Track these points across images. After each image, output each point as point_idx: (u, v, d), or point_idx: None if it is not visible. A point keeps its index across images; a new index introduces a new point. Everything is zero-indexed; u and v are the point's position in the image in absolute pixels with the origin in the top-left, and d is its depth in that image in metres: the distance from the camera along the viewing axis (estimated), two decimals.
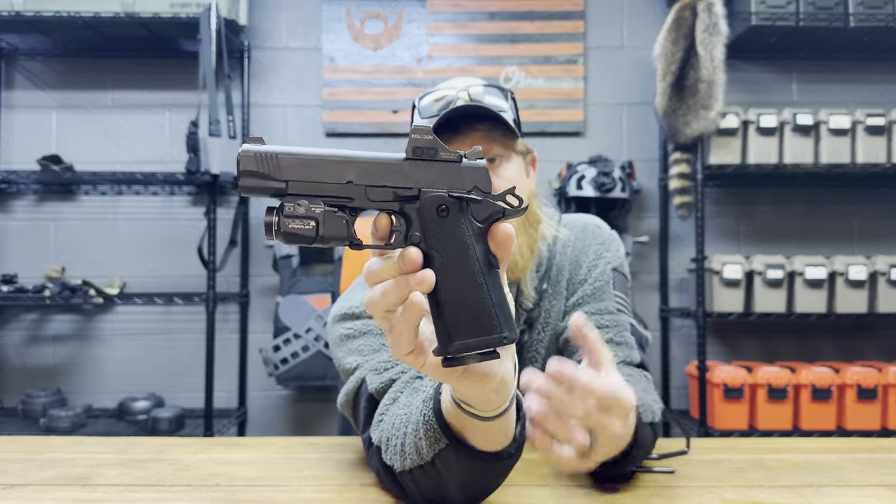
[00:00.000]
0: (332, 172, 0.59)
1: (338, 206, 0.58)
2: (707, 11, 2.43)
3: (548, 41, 2.84)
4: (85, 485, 0.89)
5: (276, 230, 0.57)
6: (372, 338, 1.00)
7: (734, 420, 2.51)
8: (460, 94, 1.06)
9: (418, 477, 0.78)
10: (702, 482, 0.91)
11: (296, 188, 0.58)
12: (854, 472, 0.96)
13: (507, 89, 1.12)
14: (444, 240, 0.59)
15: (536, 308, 1.14)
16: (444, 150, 0.61)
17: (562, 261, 1.17)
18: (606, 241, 1.18)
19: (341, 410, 1.02)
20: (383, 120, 2.83)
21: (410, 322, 0.59)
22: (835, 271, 2.54)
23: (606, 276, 1.14)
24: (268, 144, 0.58)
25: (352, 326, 1.02)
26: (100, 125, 2.84)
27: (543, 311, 1.14)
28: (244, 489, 0.87)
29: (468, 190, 0.61)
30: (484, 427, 0.71)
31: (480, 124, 1.06)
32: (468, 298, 0.59)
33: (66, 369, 2.80)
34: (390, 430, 0.83)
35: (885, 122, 2.56)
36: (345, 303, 1.07)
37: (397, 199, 0.60)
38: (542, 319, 1.14)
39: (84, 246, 2.82)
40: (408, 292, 0.58)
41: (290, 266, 2.66)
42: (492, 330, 0.59)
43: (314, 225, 0.57)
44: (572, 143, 2.85)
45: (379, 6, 2.84)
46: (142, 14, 2.46)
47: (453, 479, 0.75)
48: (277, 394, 2.82)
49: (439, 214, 0.59)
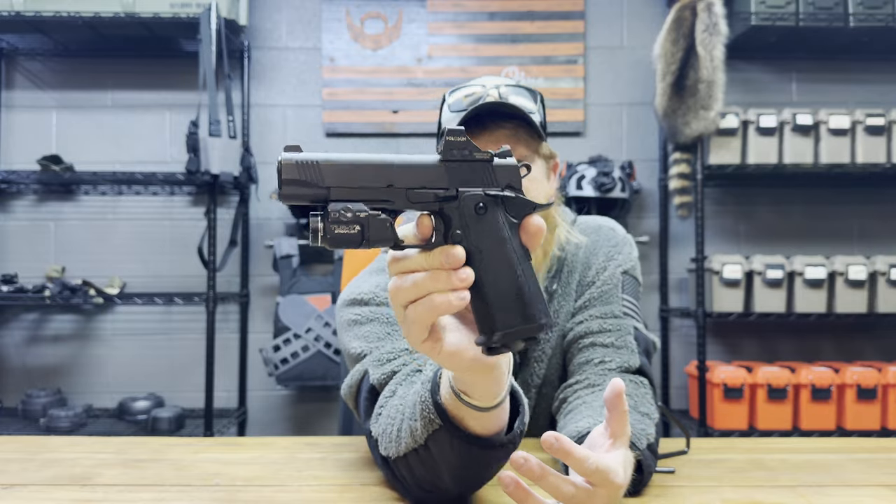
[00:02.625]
0: (373, 177, 0.60)
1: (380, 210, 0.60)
2: (707, 11, 2.44)
3: (548, 41, 2.84)
4: (85, 485, 0.89)
5: (323, 236, 0.58)
6: (379, 325, 1.01)
7: (734, 420, 2.51)
8: (490, 91, 1.07)
9: (412, 462, 0.77)
10: (701, 482, 0.91)
11: (338, 194, 0.60)
12: (854, 472, 0.96)
13: (537, 91, 1.13)
14: (483, 236, 0.62)
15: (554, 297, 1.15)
16: (477, 150, 0.64)
17: (573, 262, 1.17)
18: (619, 244, 1.18)
19: (344, 399, 1.02)
20: (383, 120, 2.84)
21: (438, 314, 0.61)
22: (834, 271, 2.54)
23: (616, 278, 1.14)
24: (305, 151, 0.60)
25: (360, 312, 1.04)
26: (100, 125, 2.84)
27: (552, 312, 1.14)
28: (244, 489, 0.87)
29: (501, 187, 0.63)
30: (480, 417, 0.71)
31: (507, 123, 1.07)
32: (509, 289, 0.61)
33: (66, 369, 2.80)
34: (387, 420, 0.83)
35: (885, 122, 2.56)
36: (354, 289, 1.08)
37: (437, 199, 0.62)
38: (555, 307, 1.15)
39: (84, 246, 2.82)
40: (447, 287, 0.59)
41: (290, 266, 2.66)
42: (532, 318, 0.61)
43: (359, 229, 0.59)
44: (572, 143, 2.85)
45: (379, 6, 2.84)
46: (142, 14, 2.46)
47: (446, 463, 0.75)
48: (277, 394, 2.82)
49: (477, 212, 0.62)
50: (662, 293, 2.86)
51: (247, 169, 2.60)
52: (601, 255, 1.17)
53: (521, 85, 1.10)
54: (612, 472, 0.66)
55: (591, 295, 1.13)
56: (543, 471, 0.64)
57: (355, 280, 1.13)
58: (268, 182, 2.80)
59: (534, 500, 0.65)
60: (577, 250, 1.18)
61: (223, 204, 2.81)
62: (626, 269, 1.16)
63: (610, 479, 0.66)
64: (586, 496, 0.66)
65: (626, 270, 1.16)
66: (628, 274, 1.16)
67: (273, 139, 2.86)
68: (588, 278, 1.15)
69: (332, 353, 2.54)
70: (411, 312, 0.61)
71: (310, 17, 2.87)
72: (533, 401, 1.15)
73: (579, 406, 0.97)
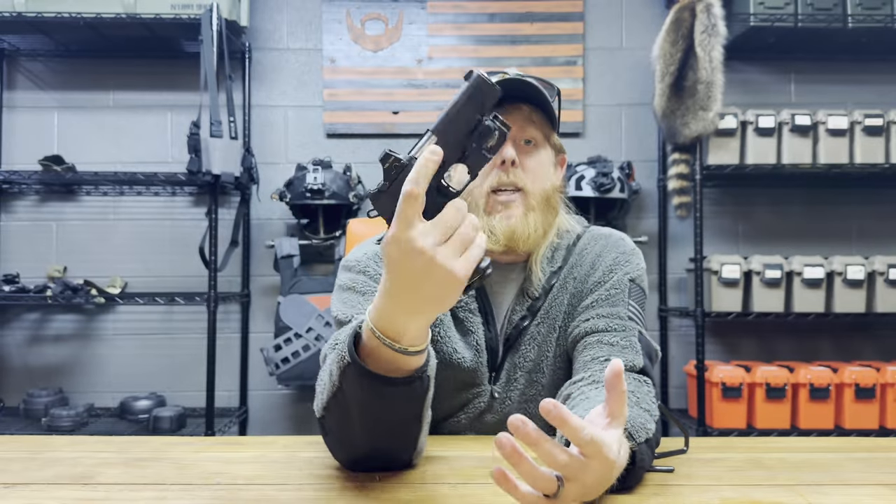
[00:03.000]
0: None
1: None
2: (706, 13, 2.44)
3: (547, 42, 2.85)
4: (86, 484, 0.90)
5: None
6: (361, 297, 1.09)
7: (732, 419, 2.52)
8: (512, 76, 1.14)
9: (332, 407, 0.83)
10: (700, 481, 0.91)
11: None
12: (852, 471, 0.96)
13: (556, 86, 1.18)
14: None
15: (542, 300, 1.17)
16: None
17: (577, 262, 1.19)
18: (628, 253, 1.20)
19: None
20: (383, 120, 2.84)
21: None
22: (833, 271, 2.55)
23: (623, 284, 1.15)
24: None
25: (354, 280, 1.13)
26: (101, 126, 2.85)
27: (547, 304, 1.17)
28: (245, 488, 0.88)
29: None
30: (395, 358, 0.76)
31: (524, 105, 1.13)
32: None
33: (67, 369, 2.81)
34: (320, 375, 0.89)
35: (883, 123, 2.57)
36: (357, 253, 1.18)
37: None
38: (544, 312, 1.17)
39: (86, 246, 2.83)
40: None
41: (291, 266, 2.67)
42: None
43: None
44: (571, 143, 2.86)
45: (379, 7, 2.85)
46: (143, 15, 2.47)
47: (355, 402, 0.80)
48: (278, 393, 2.82)
49: None
50: (661, 293, 2.87)
51: (248, 169, 2.61)
52: (608, 259, 1.18)
53: (542, 78, 1.15)
54: (606, 446, 0.67)
55: (598, 296, 1.15)
56: (539, 436, 0.65)
57: (361, 245, 1.23)
58: (268, 182, 2.81)
59: (526, 465, 0.65)
60: (584, 252, 1.20)
61: (224, 204, 2.82)
62: (634, 277, 1.17)
63: (604, 453, 0.67)
64: (579, 466, 0.67)
65: (633, 278, 1.17)
66: (635, 283, 1.17)
67: (274, 140, 2.86)
68: (593, 278, 1.17)
69: None
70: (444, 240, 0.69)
71: (310, 19, 2.88)
72: (522, 384, 1.18)
73: (583, 402, 0.98)
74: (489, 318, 1.18)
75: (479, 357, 1.16)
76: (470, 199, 1.14)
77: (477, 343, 1.17)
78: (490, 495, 0.84)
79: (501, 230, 1.12)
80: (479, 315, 1.18)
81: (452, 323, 1.18)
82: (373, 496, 0.84)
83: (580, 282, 1.18)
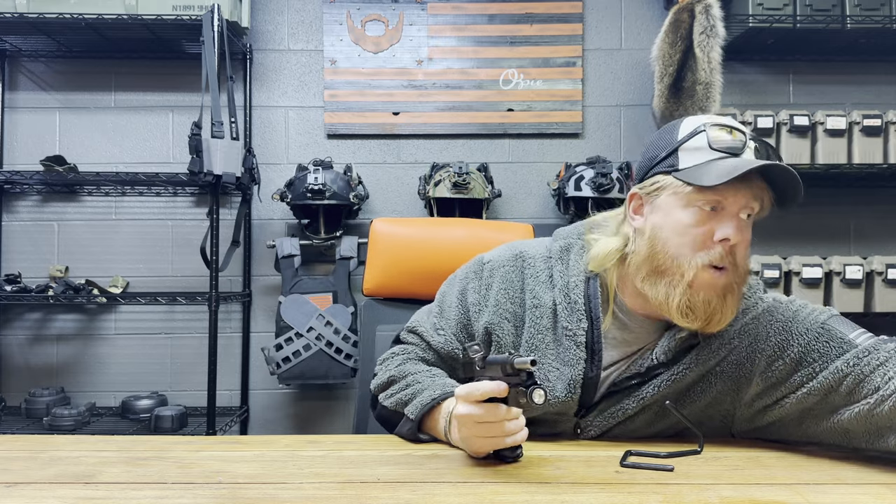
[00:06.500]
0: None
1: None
2: (704, 14, 2.44)
3: (547, 43, 2.85)
4: (88, 483, 0.90)
5: None
6: (439, 319, 1.25)
7: None
8: (749, 142, 1.04)
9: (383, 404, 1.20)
10: (700, 480, 0.91)
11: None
12: (851, 470, 0.96)
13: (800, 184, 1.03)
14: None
15: (667, 368, 1.09)
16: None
17: (733, 348, 1.09)
18: (791, 319, 1.08)
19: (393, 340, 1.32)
20: (384, 121, 2.85)
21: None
22: (831, 271, 2.55)
23: (820, 334, 1.04)
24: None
25: (452, 300, 1.24)
26: (103, 126, 2.86)
27: (668, 374, 1.09)
28: (246, 487, 0.89)
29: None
30: (438, 436, 1.11)
31: (760, 182, 1.02)
32: None
33: (69, 368, 2.82)
34: (396, 385, 1.18)
35: (881, 123, 2.57)
36: (494, 253, 1.24)
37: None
38: (664, 379, 1.10)
39: (87, 246, 2.83)
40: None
41: (292, 266, 2.68)
42: None
43: None
44: (571, 144, 2.87)
45: (380, 9, 2.86)
46: (144, 16, 2.48)
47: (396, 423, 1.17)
48: (279, 392, 2.83)
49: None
50: None
51: (249, 170, 2.61)
52: (772, 340, 1.07)
53: (759, 138, 1.07)
54: None
55: (807, 372, 1.03)
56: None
57: (422, 312, 1.31)
58: (269, 183, 2.82)
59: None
60: (742, 336, 1.09)
61: (225, 204, 2.83)
62: (823, 320, 1.06)
63: None
64: None
65: (823, 322, 1.05)
66: (825, 325, 1.05)
67: (275, 140, 2.87)
68: (757, 367, 1.07)
69: (334, 351, 2.56)
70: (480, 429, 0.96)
71: (311, 20, 2.89)
72: (611, 423, 1.13)
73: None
74: (595, 358, 1.11)
75: (572, 394, 1.10)
76: (668, 248, 1.03)
77: (572, 379, 1.10)
78: (490, 495, 0.84)
79: (702, 312, 1.02)
80: (583, 350, 1.11)
81: (552, 343, 1.13)
82: (373, 495, 0.85)
83: (736, 365, 1.09)
